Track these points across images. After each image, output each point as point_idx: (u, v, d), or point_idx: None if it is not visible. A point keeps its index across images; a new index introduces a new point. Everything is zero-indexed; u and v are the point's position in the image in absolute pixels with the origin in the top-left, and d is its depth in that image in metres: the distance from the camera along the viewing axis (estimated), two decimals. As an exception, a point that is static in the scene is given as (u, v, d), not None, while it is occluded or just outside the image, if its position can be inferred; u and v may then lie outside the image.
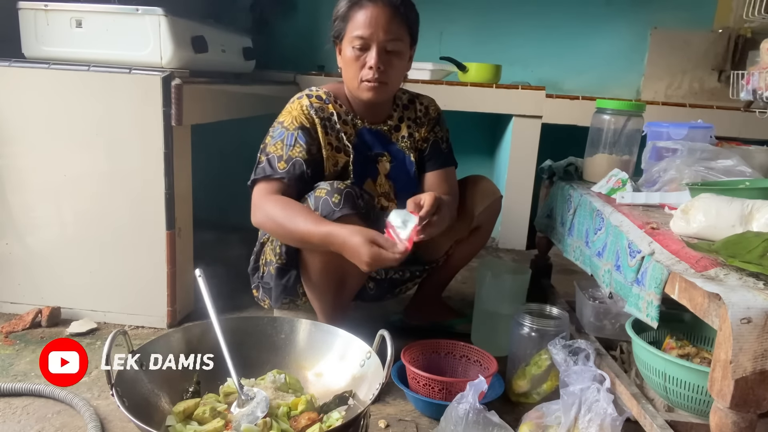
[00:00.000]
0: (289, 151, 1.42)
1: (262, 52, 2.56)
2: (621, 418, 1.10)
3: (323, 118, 1.48)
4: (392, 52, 1.43)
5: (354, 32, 1.41)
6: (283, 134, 1.44)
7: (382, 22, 1.40)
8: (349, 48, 1.43)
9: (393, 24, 1.41)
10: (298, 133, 1.43)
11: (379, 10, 1.40)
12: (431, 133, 1.63)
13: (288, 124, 1.45)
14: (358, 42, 1.41)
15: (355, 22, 1.41)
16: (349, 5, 1.43)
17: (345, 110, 1.53)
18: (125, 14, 1.68)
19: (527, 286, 1.72)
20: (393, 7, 1.41)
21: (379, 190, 1.54)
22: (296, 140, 1.43)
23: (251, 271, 1.59)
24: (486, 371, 1.44)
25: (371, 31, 1.40)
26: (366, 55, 1.42)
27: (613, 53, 3.12)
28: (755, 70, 1.85)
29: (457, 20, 3.09)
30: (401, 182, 1.57)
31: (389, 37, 1.41)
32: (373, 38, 1.40)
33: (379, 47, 1.41)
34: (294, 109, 1.47)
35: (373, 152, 1.55)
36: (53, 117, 1.66)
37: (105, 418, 1.28)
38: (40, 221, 1.72)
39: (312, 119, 1.47)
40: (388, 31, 1.40)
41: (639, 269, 1.14)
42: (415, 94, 1.66)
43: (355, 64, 1.43)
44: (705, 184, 1.35)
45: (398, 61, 1.45)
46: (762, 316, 0.81)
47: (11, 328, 1.67)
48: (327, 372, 1.19)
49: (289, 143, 1.42)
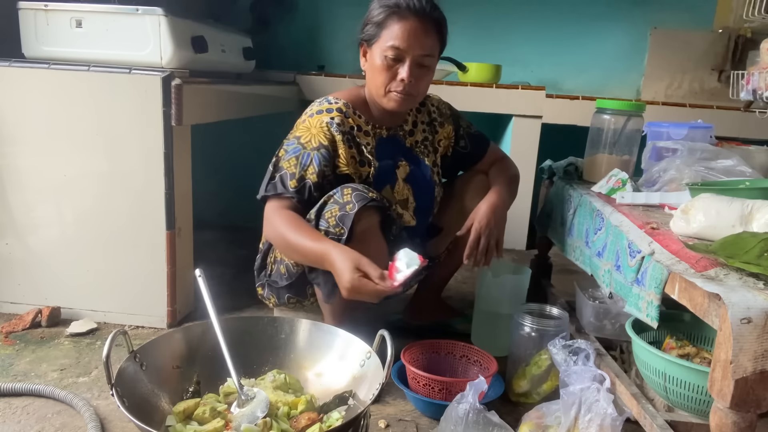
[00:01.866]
0: (302, 171, 1.40)
1: (262, 52, 2.56)
2: (621, 418, 1.10)
3: (345, 132, 1.45)
4: (424, 67, 1.42)
5: (389, 42, 1.38)
6: (299, 151, 1.41)
7: (420, 37, 1.38)
8: (380, 56, 1.40)
9: (429, 39, 1.40)
10: (314, 153, 1.40)
11: (419, 25, 1.38)
12: (459, 128, 1.66)
13: (305, 141, 1.42)
14: (392, 52, 1.38)
15: (392, 32, 1.38)
16: (388, 12, 1.38)
17: (365, 120, 1.51)
18: (125, 14, 1.67)
19: (527, 286, 1.72)
20: (433, 22, 1.40)
21: (397, 196, 1.54)
22: (311, 161, 1.40)
23: (257, 268, 1.58)
24: (486, 371, 1.44)
25: (408, 44, 1.37)
26: (398, 66, 1.40)
27: (613, 53, 3.12)
28: (755, 70, 1.85)
29: (457, 20, 3.07)
30: (419, 186, 1.58)
31: (425, 53, 1.40)
32: (409, 51, 1.38)
33: (412, 61, 1.39)
34: (313, 126, 1.43)
35: (392, 159, 1.54)
36: (53, 117, 1.66)
37: (105, 418, 1.28)
38: (40, 221, 1.72)
39: (332, 137, 1.43)
40: (424, 46, 1.39)
41: (639, 269, 1.14)
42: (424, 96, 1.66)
43: (385, 74, 1.41)
44: (705, 184, 1.35)
45: (428, 74, 1.46)
46: (762, 316, 0.81)
47: (11, 328, 1.67)
48: (327, 372, 1.19)
49: (304, 162, 1.40)
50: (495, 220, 1.51)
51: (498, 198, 1.55)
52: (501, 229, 1.54)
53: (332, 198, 1.35)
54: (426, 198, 1.60)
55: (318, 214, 1.35)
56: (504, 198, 1.57)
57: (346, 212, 1.31)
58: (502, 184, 1.60)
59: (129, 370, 1.03)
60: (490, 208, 1.52)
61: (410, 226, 1.56)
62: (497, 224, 1.52)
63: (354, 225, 1.31)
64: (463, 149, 1.67)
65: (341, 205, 1.32)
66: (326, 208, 1.34)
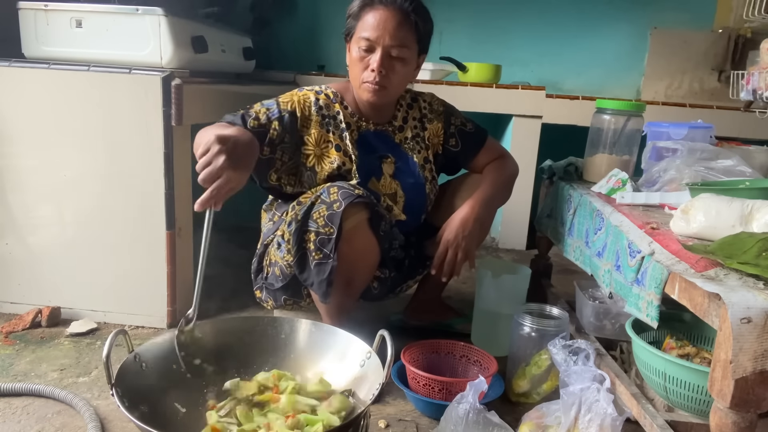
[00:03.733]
0: (267, 121, 1.42)
1: (262, 52, 2.56)
2: (621, 418, 1.10)
3: (326, 116, 1.49)
4: (396, 58, 1.44)
5: (362, 33, 1.42)
6: (272, 106, 1.45)
7: (389, 27, 1.41)
8: (355, 47, 1.45)
9: (401, 30, 1.42)
10: (285, 115, 1.45)
11: (388, 15, 1.41)
12: (450, 126, 1.65)
13: (283, 102, 1.47)
14: (364, 43, 1.42)
15: (364, 23, 1.42)
16: (362, 5, 1.44)
17: (350, 112, 1.54)
18: (125, 14, 1.68)
19: (527, 286, 1.72)
20: (403, 14, 1.42)
21: (383, 189, 1.54)
22: (280, 118, 1.43)
23: (254, 272, 1.59)
24: (486, 371, 1.44)
25: (378, 34, 1.41)
26: (370, 57, 1.43)
27: (613, 53, 3.12)
28: (755, 70, 1.85)
29: (457, 20, 3.10)
30: (407, 182, 1.58)
31: (395, 43, 1.42)
32: (379, 41, 1.41)
33: (383, 51, 1.42)
34: (296, 95, 1.49)
35: (377, 154, 1.55)
36: (53, 117, 1.66)
37: (105, 418, 1.28)
38: (40, 221, 1.72)
39: (309, 114, 1.47)
40: (394, 36, 1.41)
41: (639, 269, 1.14)
42: (417, 93, 1.67)
43: (359, 65, 1.45)
44: (705, 184, 1.35)
45: (401, 67, 1.46)
46: (762, 316, 0.81)
47: (11, 328, 1.67)
48: (327, 372, 1.19)
49: (272, 115, 1.43)
50: (464, 233, 1.50)
51: (472, 208, 1.52)
52: (470, 241, 1.51)
53: (319, 198, 1.35)
54: (417, 194, 1.59)
55: (306, 215, 1.35)
56: (484, 204, 1.54)
57: (334, 211, 1.31)
58: (486, 189, 1.57)
59: (129, 370, 1.03)
60: (461, 220, 1.51)
61: (401, 221, 1.56)
62: (467, 236, 1.50)
63: (343, 222, 1.31)
64: (453, 148, 1.65)
65: (328, 205, 1.33)
66: (314, 209, 1.34)
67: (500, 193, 1.62)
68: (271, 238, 1.55)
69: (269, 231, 1.58)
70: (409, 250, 1.64)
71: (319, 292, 1.39)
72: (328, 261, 1.34)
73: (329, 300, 1.40)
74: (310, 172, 1.48)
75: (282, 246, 1.46)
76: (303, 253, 1.37)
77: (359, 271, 1.45)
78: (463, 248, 1.50)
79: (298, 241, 1.37)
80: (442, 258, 1.51)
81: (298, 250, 1.38)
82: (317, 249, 1.34)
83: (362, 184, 1.47)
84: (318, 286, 1.37)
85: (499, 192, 1.62)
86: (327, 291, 1.36)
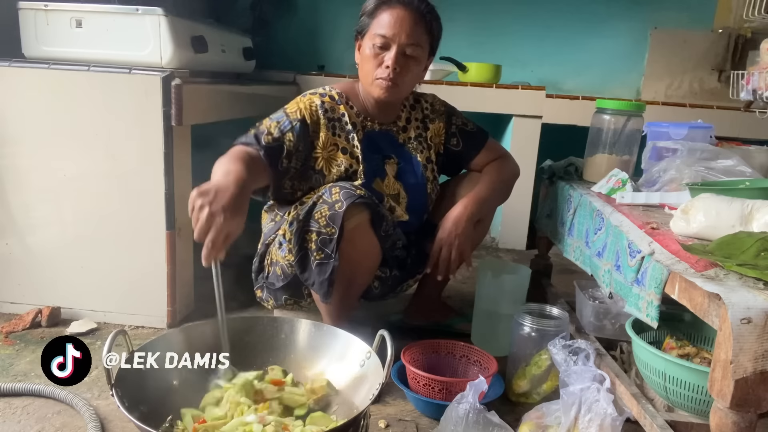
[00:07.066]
0: (280, 134, 1.42)
1: (262, 52, 2.56)
2: (621, 418, 1.10)
3: (332, 119, 1.50)
4: (410, 57, 1.46)
5: (377, 30, 1.44)
6: (282, 118, 1.46)
7: (406, 26, 1.43)
8: (369, 44, 1.46)
9: (416, 30, 1.44)
10: (297, 124, 1.45)
11: (405, 14, 1.43)
12: (451, 126, 1.66)
13: (291, 112, 1.47)
14: (380, 40, 1.44)
15: (381, 21, 1.44)
16: (378, 3, 1.46)
17: (356, 111, 1.54)
18: (125, 14, 1.67)
19: (527, 286, 1.72)
20: (420, 14, 1.45)
21: (387, 190, 1.54)
22: (292, 129, 1.43)
23: (255, 271, 1.59)
24: (486, 371, 1.44)
25: (394, 31, 1.43)
26: (385, 54, 1.45)
27: (613, 53, 3.12)
28: (755, 70, 1.85)
29: (457, 20, 3.09)
30: (410, 182, 1.58)
31: (410, 41, 1.44)
32: (395, 39, 1.43)
33: (398, 49, 1.44)
34: (302, 102, 1.49)
35: (381, 154, 1.56)
36: (53, 117, 1.66)
37: (105, 418, 1.28)
38: (40, 221, 1.72)
39: (317, 118, 1.48)
40: (410, 35, 1.44)
41: (639, 269, 1.14)
42: (419, 94, 1.68)
43: (373, 61, 1.46)
44: (705, 184, 1.35)
45: (414, 66, 1.48)
46: (762, 316, 0.81)
47: (11, 328, 1.67)
48: (327, 372, 1.19)
49: (284, 127, 1.43)
50: (457, 231, 1.51)
51: (465, 207, 1.53)
52: (464, 240, 1.52)
53: (321, 198, 1.36)
54: (418, 194, 1.60)
55: (308, 215, 1.36)
56: (478, 203, 1.55)
57: (336, 211, 1.32)
58: (482, 188, 1.58)
59: (129, 370, 1.03)
60: (453, 219, 1.52)
61: (404, 221, 1.56)
62: (460, 234, 1.51)
63: (344, 223, 1.32)
64: (454, 147, 1.66)
65: (330, 205, 1.33)
66: (316, 209, 1.35)
67: (497, 193, 1.63)
68: (273, 238, 1.55)
69: (270, 230, 1.58)
70: (411, 249, 1.64)
71: (320, 292, 1.39)
72: (330, 261, 1.35)
73: (330, 300, 1.40)
74: (318, 175, 1.49)
75: (283, 245, 1.46)
76: (304, 253, 1.38)
77: (360, 271, 1.45)
78: (457, 246, 1.51)
79: (300, 240, 1.37)
80: (437, 257, 1.52)
81: (299, 249, 1.38)
82: (319, 249, 1.35)
83: (367, 184, 1.47)
84: (319, 286, 1.38)
85: (496, 191, 1.62)
86: (328, 291, 1.37)
